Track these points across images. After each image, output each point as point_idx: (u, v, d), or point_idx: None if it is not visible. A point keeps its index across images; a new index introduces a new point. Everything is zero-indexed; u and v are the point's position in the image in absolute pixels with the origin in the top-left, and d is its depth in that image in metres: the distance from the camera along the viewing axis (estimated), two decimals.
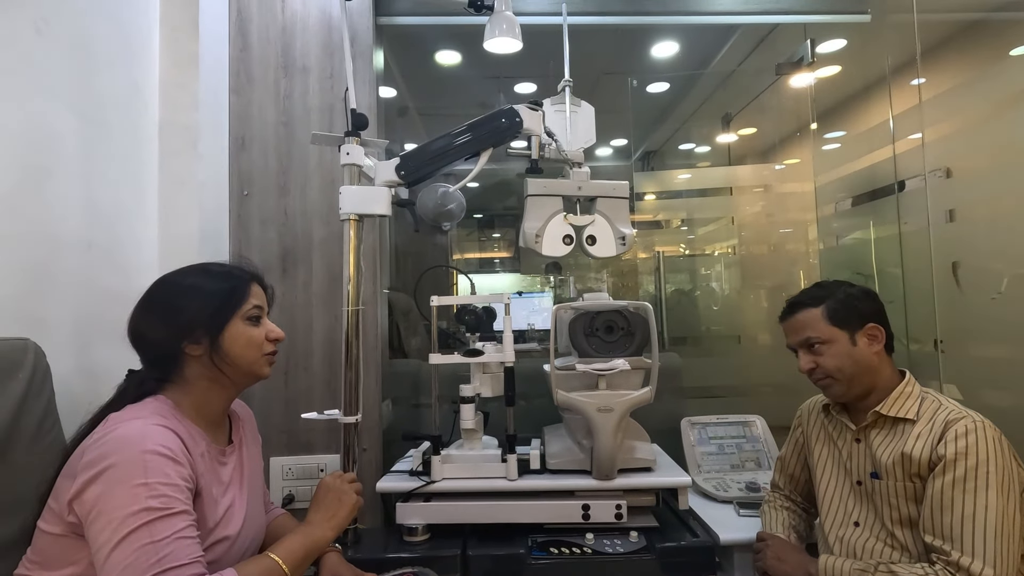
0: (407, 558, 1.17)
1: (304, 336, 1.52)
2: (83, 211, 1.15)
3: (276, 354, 0.99)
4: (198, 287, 0.92)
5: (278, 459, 1.49)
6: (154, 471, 0.76)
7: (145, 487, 0.75)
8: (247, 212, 1.53)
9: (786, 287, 2.43)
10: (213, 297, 0.91)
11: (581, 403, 1.22)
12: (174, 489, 0.77)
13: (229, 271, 0.97)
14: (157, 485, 0.76)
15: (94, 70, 1.19)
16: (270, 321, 0.99)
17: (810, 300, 1.14)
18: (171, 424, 0.84)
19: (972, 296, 1.70)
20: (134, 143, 1.33)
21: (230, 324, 0.91)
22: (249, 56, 1.54)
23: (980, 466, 0.94)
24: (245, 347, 0.92)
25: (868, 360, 1.09)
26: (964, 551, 0.91)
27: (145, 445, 0.77)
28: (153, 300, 0.92)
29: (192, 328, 0.89)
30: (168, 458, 0.78)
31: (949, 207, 1.79)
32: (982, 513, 0.92)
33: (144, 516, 0.74)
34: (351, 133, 1.25)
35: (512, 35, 1.41)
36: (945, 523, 0.94)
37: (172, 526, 0.75)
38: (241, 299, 0.93)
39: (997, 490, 0.92)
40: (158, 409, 0.86)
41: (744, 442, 1.60)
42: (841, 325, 1.10)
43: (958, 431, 0.98)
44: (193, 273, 0.95)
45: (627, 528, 1.22)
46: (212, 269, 0.96)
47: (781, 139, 2.63)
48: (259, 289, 0.98)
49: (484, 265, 3.95)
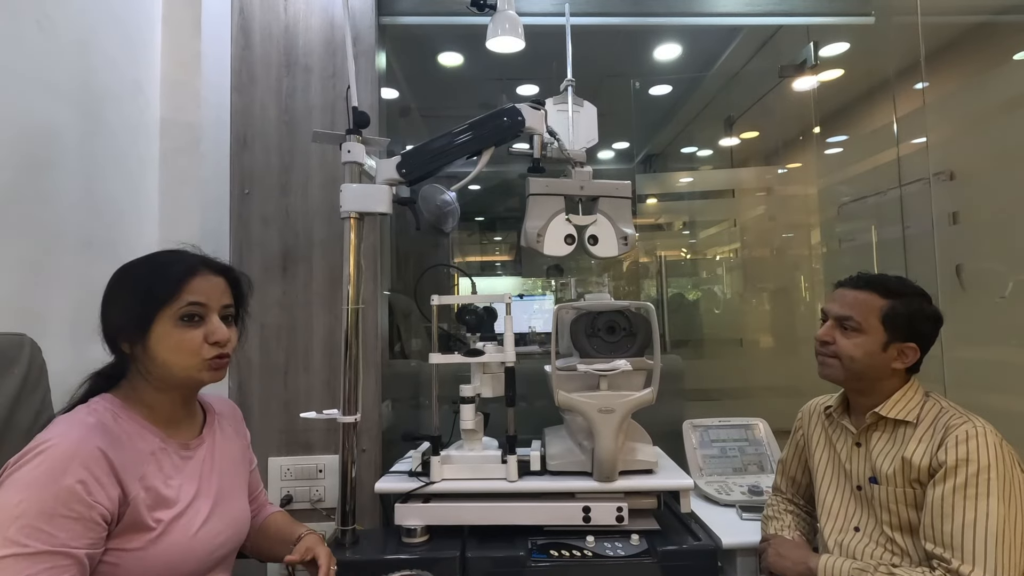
0: (405, 560, 1.15)
1: (304, 336, 1.51)
2: (82, 208, 1.15)
3: (224, 358, 0.88)
4: (125, 285, 0.85)
5: (276, 459, 1.48)
6: (60, 489, 0.71)
7: (18, 521, 0.69)
8: (248, 211, 1.52)
9: (788, 290, 2.42)
10: (136, 295, 0.83)
11: (582, 404, 1.21)
12: (70, 523, 0.71)
13: (167, 261, 0.87)
14: (57, 519, 0.70)
15: (95, 67, 1.19)
16: (218, 321, 0.87)
17: (882, 289, 1.07)
18: (108, 432, 0.79)
19: (976, 299, 1.69)
20: (135, 141, 1.32)
21: (156, 324, 0.82)
22: (251, 55, 1.54)
23: (981, 473, 0.92)
24: (174, 351, 0.83)
25: (883, 368, 1.06)
26: (964, 559, 0.89)
27: (62, 468, 0.72)
28: (105, 291, 0.87)
29: (123, 324, 0.83)
30: (77, 496, 0.72)
31: (952, 210, 1.78)
32: (983, 521, 0.90)
33: (10, 548, 0.68)
34: (352, 131, 1.24)
35: (515, 34, 1.41)
36: (945, 531, 0.92)
37: (34, 566, 0.69)
38: (168, 296, 0.83)
39: (999, 497, 0.91)
40: (95, 409, 0.82)
41: (747, 445, 1.58)
42: (888, 327, 1.05)
43: (959, 437, 0.96)
44: (138, 263, 0.88)
45: (628, 531, 1.20)
46: (153, 259, 0.88)
47: (784, 142, 2.63)
48: (207, 284, 0.86)
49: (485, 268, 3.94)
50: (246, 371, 1.49)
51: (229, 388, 1.48)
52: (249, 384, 1.49)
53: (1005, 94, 1.73)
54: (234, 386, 1.49)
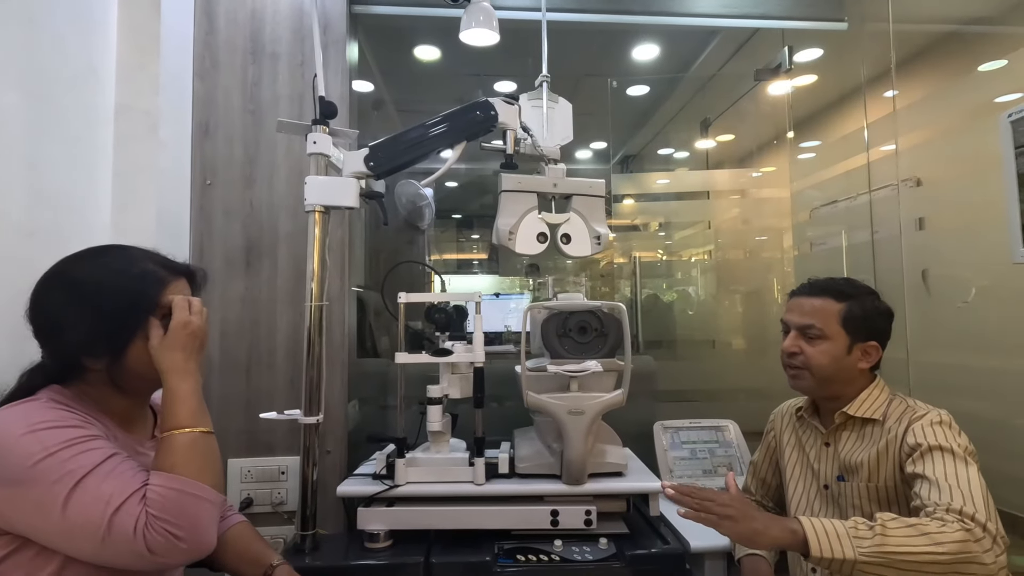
0: (368, 566, 1.12)
1: (267, 333, 1.46)
2: (27, 195, 1.08)
3: None
4: (97, 293, 0.80)
5: (236, 460, 1.42)
6: (52, 441, 0.72)
7: (52, 458, 0.71)
8: (210, 203, 1.46)
9: (760, 293, 2.44)
10: (113, 313, 0.80)
11: (552, 405, 1.19)
12: (82, 445, 0.73)
13: (141, 272, 0.84)
14: (62, 451, 0.72)
15: (43, 47, 1.12)
16: None
17: (835, 293, 1.09)
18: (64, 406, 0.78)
19: (940, 303, 1.73)
20: (87, 126, 1.25)
21: (134, 343, 0.81)
22: (215, 39, 1.48)
23: (956, 448, 0.94)
24: (152, 366, 0.82)
25: (851, 371, 1.08)
26: (966, 502, 0.86)
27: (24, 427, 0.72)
28: (48, 301, 0.81)
29: (89, 345, 0.80)
30: (60, 427, 0.74)
31: (919, 215, 1.82)
32: (966, 480, 0.89)
33: (68, 481, 0.70)
34: (319, 121, 1.20)
35: (489, 27, 1.38)
36: (943, 490, 0.89)
37: (102, 474, 0.72)
38: (146, 315, 0.82)
39: (976, 468, 0.92)
40: (50, 398, 0.79)
41: (717, 447, 1.58)
42: (849, 330, 1.07)
43: (924, 422, 0.99)
44: (98, 270, 0.82)
45: (596, 535, 1.18)
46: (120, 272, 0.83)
47: (759, 146, 2.65)
48: (177, 288, 0.87)
49: (462, 266, 3.91)
50: (205, 369, 1.43)
51: None
52: (208, 382, 1.43)
53: (970, 103, 1.77)
54: None
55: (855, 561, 0.82)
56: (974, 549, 0.80)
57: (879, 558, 0.81)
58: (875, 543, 0.82)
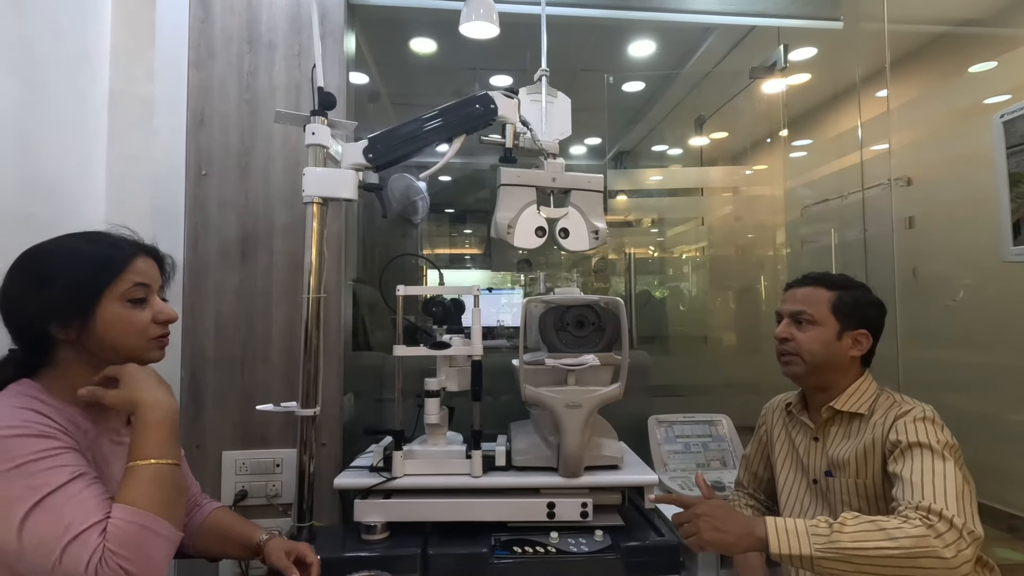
0: (364, 558, 1.12)
1: (263, 325, 1.45)
2: (20, 182, 1.06)
3: (167, 336, 0.89)
4: (65, 260, 0.81)
5: (231, 453, 1.41)
6: (20, 452, 0.70)
7: (17, 471, 0.69)
8: (205, 193, 1.45)
9: (752, 290, 2.46)
10: (80, 273, 0.80)
11: (549, 398, 1.19)
12: (50, 460, 0.72)
13: (107, 242, 0.85)
14: (29, 464, 0.70)
15: (37, 32, 1.10)
16: (161, 300, 0.88)
17: (826, 282, 1.14)
18: (34, 406, 0.76)
19: (929, 301, 1.75)
20: (81, 113, 1.24)
21: (101, 305, 0.80)
22: (211, 28, 1.46)
23: (936, 444, 0.96)
24: (123, 333, 0.82)
25: (841, 358, 1.10)
26: (936, 500, 0.88)
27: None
28: (14, 278, 0.81)
29: (57, 309, 0.79)
30: (29, 436, 0.72)
31: (909, 214, 1.84)
32: (942, 479, 0.90)
33: (31, 498, 0.68)
34: (317, 112, 1.19)
35: (489, 20, 1.38)
36: (915, 484, 0.91)
37: (65, 496, 0.70)
38: (113, 275, 0.81)
39: (955, 465, 0.93)
40: (19, 392, 0.78)
41: (710, 441, 1.60)
42: (838, 317, 1.10)
43: (908, 419, 1.00)
44: (63, 244, 0.83)
45: (592, 527, 1.19)
46: (87, 239, 0.84)
47: (753, 144, 2.67)
48: (147, 265, 0.86)
49: (455, 261, 3.89)
50: (200, 361, 1.42)
51: (182, 379, 1.41)
52: (203, 375, 1.43)
53: (960, 104, 1.80)
54: (187, 376, 1.41)
55: (812, 557, 0.85)
56: (933, 544, 0.82)
57: (834, 553, 0.84)
58: (830, 539, 0.85)
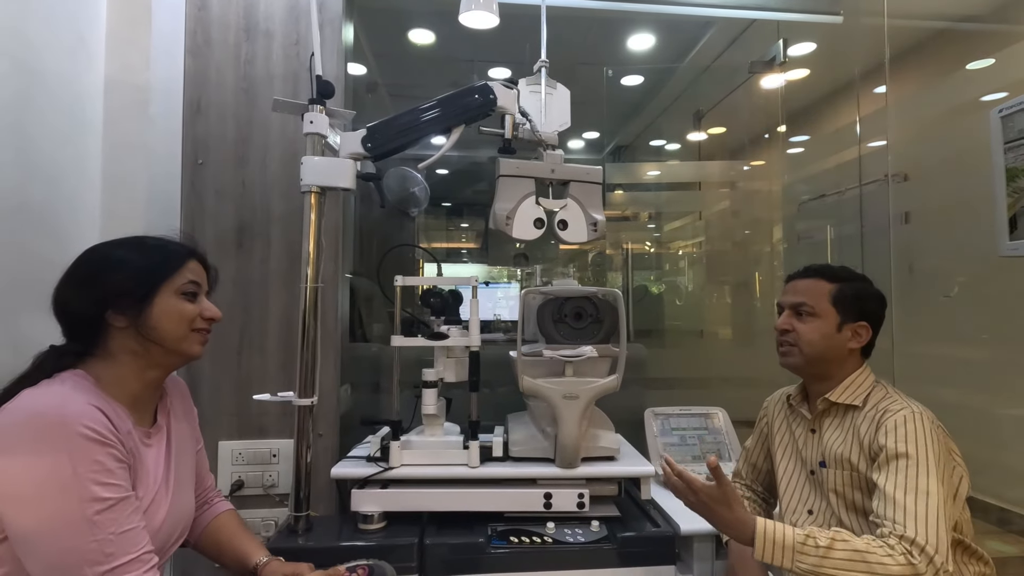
0: (361, 547, 1.12)
1: (260, 315, 1.44)
2: (15, 168, 1.05)
3: (209, 333, 0.95)
4: (128, 255, 0.88)
5: (227, 443, 1.41)
6: (81, 459, 0.71)
7: (75, 478, 0.70)
8: (201, 182, 1.44)
9: (749, 285, 2.47)
10: (143, 265, 0.87)
11: (547, 389, 1.20)
12: (107, 475, 0.73)
13: (166, 244, 0.93)
14: (87, 475, 0.71)
15: (31, 15, 1.09)
16: (209, 301, 0.95)
17: (828, 275, 1.14)
18: (98, 403, 0.77)
19: (925, 296, 1.77)
20: (76, 99, 1.22)
21: (159, 295, 0.86)
22: (208, 16, 1.44)
23: (920, 454, 0.96)
24: (174, 321, 0.88)
25: (840, 350, 1.11)
26: (908, 526, 0.90)
27: (68, 425, 0.72)
28: (79, 267, 0.87)
29: (117, 296, 0.84)
30: (95, 441, 0.73)
31: (905, 210, 1.85)
32: (923, 499, 0.91)
33: (80, 509, 0.69)
34: (316, 101, 1.18)
35: (489, 9, 1.37)
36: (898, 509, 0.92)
37: (114, 520, 0.71)
38: (173, 269, 0.89)
39: (937, 478, 0.94)
40: (78, 384, 0.79)
41: (706, 434, 1.61)
42: (838, 309, 1.10)
43: (897, 421, 1.00)
44: (127, 243, 0.90)
45: (589, 517, 1.20)
46: (148, 241, 0.92)
47: (751, 139, 2.67)
48: (198, 266, 0.94)
49: (451, 254, 3.88)
50: None
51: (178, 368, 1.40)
52: (199, 364, 1.42)
53: (956, 101, 1.80)
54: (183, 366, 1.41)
55: (792, 572, 0.89)
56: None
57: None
58: (813, 563, 0.88)
